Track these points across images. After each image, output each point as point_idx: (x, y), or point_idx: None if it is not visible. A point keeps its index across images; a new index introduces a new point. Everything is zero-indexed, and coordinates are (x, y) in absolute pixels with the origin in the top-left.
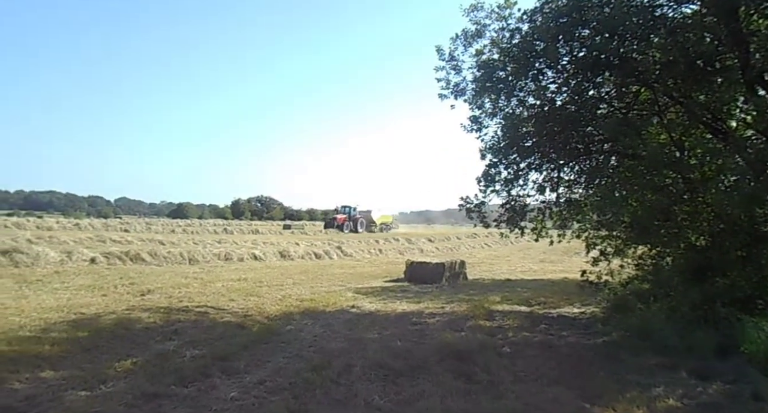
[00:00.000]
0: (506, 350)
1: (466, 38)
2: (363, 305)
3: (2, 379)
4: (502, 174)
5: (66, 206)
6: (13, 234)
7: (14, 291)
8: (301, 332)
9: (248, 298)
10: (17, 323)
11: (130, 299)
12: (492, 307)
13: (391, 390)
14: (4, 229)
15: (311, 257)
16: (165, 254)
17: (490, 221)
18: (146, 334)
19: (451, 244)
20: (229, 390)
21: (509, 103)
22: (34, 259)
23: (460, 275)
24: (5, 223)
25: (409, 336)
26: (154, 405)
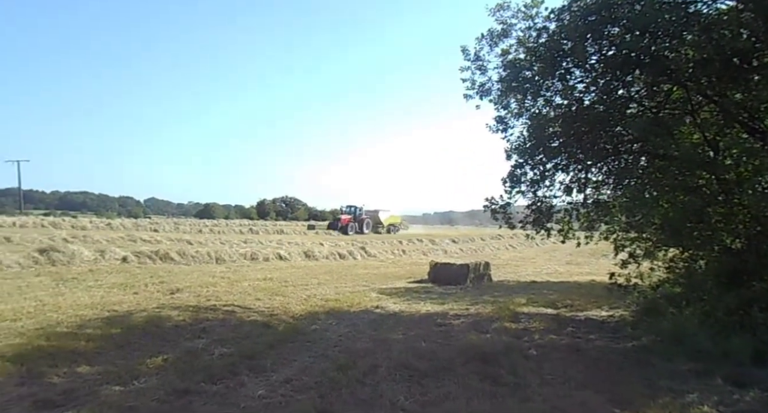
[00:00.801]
0: (532, 352)
1: (492, 38)
2: (387, 305)
3: (42, 373)
4: (528, 175)
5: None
6: (50, 233)
7: (51, 288)
8: (326, 331)
9: (274, 297)
10: (55, 319)
11: (160, 297)
12: (517, 309)
13: (417, 390)
14: (42, 228)
15: (335, 257)
16: (193, 254)
17: (516, 223)
18: (176, 332)
19: (475, 245)
20: (257, 388)
21: (536, 103)
22: (69, 257)
23: (485, 277)
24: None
25: (434, 337)
26: (185, 402)
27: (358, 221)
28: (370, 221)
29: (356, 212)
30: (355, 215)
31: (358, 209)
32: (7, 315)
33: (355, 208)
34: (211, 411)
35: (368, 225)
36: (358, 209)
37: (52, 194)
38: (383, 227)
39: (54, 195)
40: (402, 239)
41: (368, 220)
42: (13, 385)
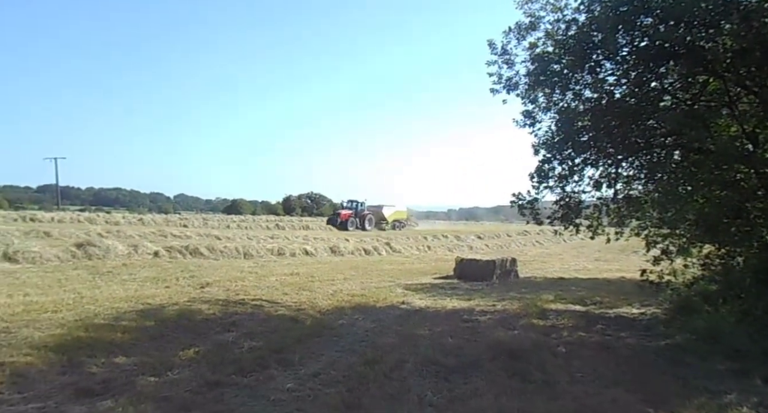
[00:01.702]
0: (561, 350)
1: (520, 31)
2: (413, 301)
3: (81, 363)
4: (556, 170)
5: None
6: (85, 229)
7: (88, 281)
8: (353, 326)
9: (301, 292)
10: (92, 311)
11: (190, 291)
12: (545, 306)
13: (444, 386)
14: (78, 223)
15: (360, 252)
16: (221, 249)
17: (543, 218)
18: (206, 325)
19: (501, 241)
20: (286, 381)
21: (564, 96)
22: (104, 252)
23: (512, 273)
24: (78, 218)
25: (461, 334)
26: (217, 393)
27: (360, 217)
28: (372, 216)
29: (357, 207)
30: (356, 210)
31: (360, 204)
32: (48, 307)
33: (356, 203)
34: (242, 403)
35: (371, 221)
36: (360, 203)
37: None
38: (387, 224)
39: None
40: (427, 235)
41: (370, 215)
42: (55, 374)
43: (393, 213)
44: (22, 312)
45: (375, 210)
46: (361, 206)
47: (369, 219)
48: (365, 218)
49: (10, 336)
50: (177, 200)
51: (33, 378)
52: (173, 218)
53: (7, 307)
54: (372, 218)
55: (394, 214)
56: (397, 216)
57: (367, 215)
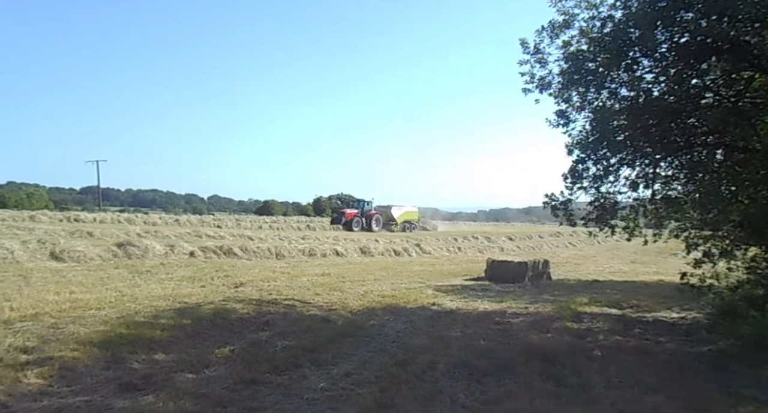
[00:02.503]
0: (597, 354)
1: (553, 29)
2: (444, 302)
3: (124, 359)
4: (591, 170)
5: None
6: (125, 229)
7: (129, 280)
8: (384, 327)
9: (332, 293)
10: (133, 309)
11: (225, 290)
12: (579, 309)
13: (477, 389)
14: (118, 224)
15: (390, 253)
16: (254, 249)
17: (577, 220)
18: (241, 324)
19: (532, 243)
20: (319, 381)
21: (599, 95)
22: (143, 251)
23: (544, 275)
24: (118, 218)
25: (493, 336)
26: (252, 391)
27: (366, 217)
28: (380, 217)
29: (363, 206)
30: (362, 209)
31: (366, 204)
32: (93, 304)
33: (362, 202)
34: (277, 401)
35: (378, 221)
36: (366, 203)
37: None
38: (396, 225)
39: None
40: (457, 236)
41: (378, 215)
42: (100, 369)
43: (403, 214)
44: (68, 308)
45: (383, 210)
46: (367, 205)
47: (376, 219)
48: (372, 218)
49: (58, 331)
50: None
51: (80, 372)
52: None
53: (55, 304)
54: (379, 218)
55: (403, 214)
56: (407, 217)
57: (374, 215)
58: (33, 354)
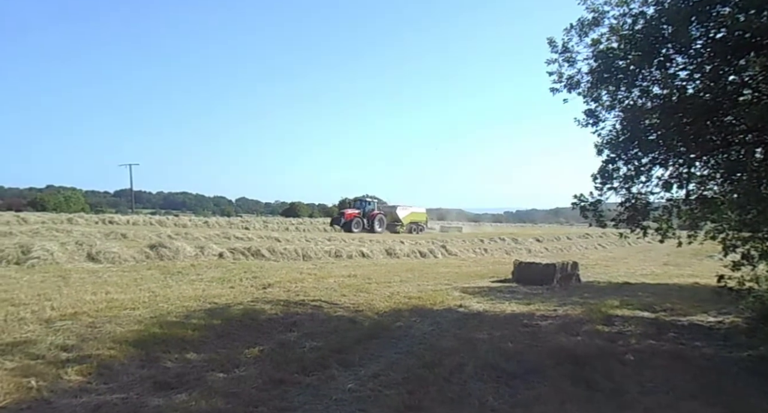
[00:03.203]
0: (629, 358)
1: (582, 28)
2: (470, 304)
3: (157, 358)
4: (621, 170)
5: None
6: (157, 231)
7: (161, 281)
8: (411, 329)
9: (358, 294)
10: (165, 309)
11: (253, 291)
12: (610, 311)
13: (505, 392)
14: (150, 226)
15: (416, 255)
16: (281, 251)
17: (607, 221)
18: (269, 324)
19: (560, 244)
20: (347, 382)
21: (630, 94)
22: (174, 253)
23: (573, 277)
24: (150, 220)
25: (521, 338)
26: (281, 391)
27: (369, 217)
28: (383, 217)
29: (365, 206)
30: (364, 210)
31: (369, 204)
32: (127, 304)
33: (364, 202)
34: (306, 401)
35: (381, 222)
36: (369, 202)
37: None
38: (402, 226)
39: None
40: (483, 238)
41: (381, 216)
42: (135, 367)
43: (409, 214)
44: (105, 308)
45: (388, 211)
46: (370, 205)
47: (380, 220)
48: (375, 218)
49: (95, 330)
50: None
51: (116, 370)
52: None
53: (93, 304)
54: (383, 218)
55: (409, 215)
56: (414, 218)
57: (377, 216)
58: (73, 352)
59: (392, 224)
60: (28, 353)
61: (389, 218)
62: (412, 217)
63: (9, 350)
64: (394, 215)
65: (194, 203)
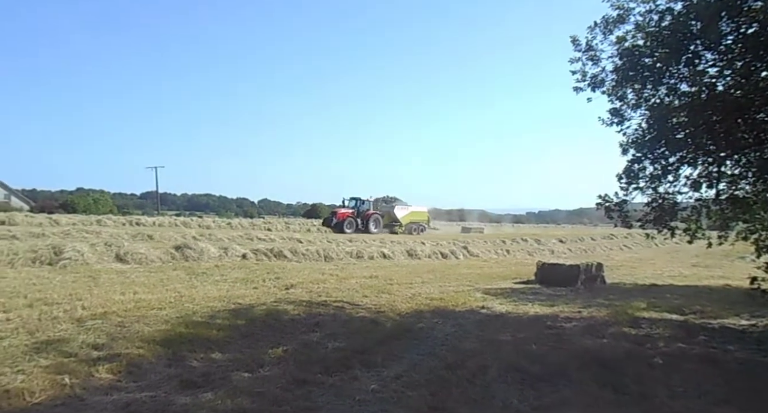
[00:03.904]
0: (658, 361)
1: (606, 25)
2: (493, 306)
3: (183, 357)
4: (648, 170)
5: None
6: (182, 232)
7: (186, 281)
8: (433, 330)
9: (380, 295)
10: (191, 309)
11: (276, 292)
12: (636, 314)
13: (530, 394)
14: (175, 227)
15: (437, 256)
16: (303, 252)
17: (633, 221)
18: (292, 325)
19: (584, 245)
20: (370, 382)
21: (657, 92)
22: (199, 254)
23: (597, 279)
24: (175, 222)
25: (545, 340)
26: (305, 391)
27: (364, 217)
28: (379, 217)
29: (359, 206)
30: (358, 209)
31: (363, 203)
32: (154, 304)
33: (358, 201)
34: (329, 401)
35: (377, 222)
36: (363, 202)
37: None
38: (401, 226)
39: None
40: (505, 239)
41: (377, 216)
42: (163, 366)
43: (408, 214)
44: (133, 308)
45: (386, 210)
46: (363, 204)
47: (375, 220)
48: (370, 218)
49: (124, 330)
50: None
51: (145, 369)
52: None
53: (121, 304)
54: (379, 218)
55: (409, 215)
56: (414, 217)
57: (373, 215)
58: (103, 350)
59: (390, 225)
60: (62, 351)
61: (387, 218)
62: (411, 216)
63: (44, 348)
64: (391, 214)
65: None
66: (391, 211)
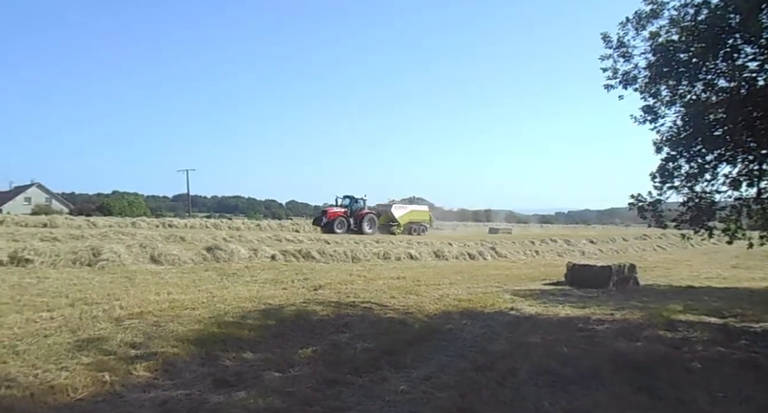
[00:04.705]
0: (696, 366)
1: (639, 21)
2: (522, 307)
3: (216, 356)
4: (683, 168)
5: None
6: (212, 234)
7: (217, 282)
8: (461, 331)
9: (408, 296)
10: (222, 309)
11: (305, 293)
12: (672, 316)
13: (562, 397)
14: (206, 229)
15: (465, 257)
16: (331, 253)
17: (668, 221)
18: (321, 325)
19: (616, 246)
20: (399, 383)
21: (693, 88)
22: (229, 255)
23: (630, 280)
24: (206, 224)
25: (576, 343)
26: (335, 391)
27: (357, 216)
28: (374, 216)
29: (352, 204)
30: (351, 208)
31: (356, 201)
32: (187, 304)
33: (351, 199)
34: (359, 402)
35: (372, 222)
36: (356, 200)
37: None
38: (399, 226)
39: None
40: (534, 240)
41: (372, 215)
42: (196, 365)
43: (407, 213)
44: (167, 308)
45: (383, 209)
46: (356, 203)
47: (370, 220)
48: (364, 217)
49: (159, 329)
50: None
51: (180, 368)
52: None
53: (156, 304)
54: (374, 218)
55: (408, 214)
56: (413, 217)
57: (367, 215)
58: (140, 349)
59: (387, 225)
60: (102, 349)
61: (384, 217)
62: (410, 216)
63: (85, 345)
64: (389, 214)
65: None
66: (388, 210)
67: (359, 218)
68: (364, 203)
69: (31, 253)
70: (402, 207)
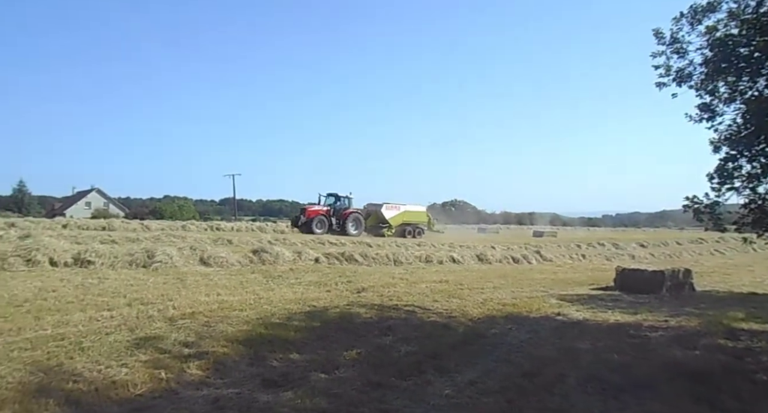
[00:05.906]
0: (761, 377)
1: (694, 15)
2: (569, 312)
3: (264, 357)
4: (744, 168)
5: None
6: (258, 237)
7: (263, 284)
8: (506, 336)
9: (450, 300)
10: (269, 311)
11: (348, 295)
12: (733, 324)
13: (613, 406)
14: (251, 232)
15: (509, 261)
16: (373, 256)
17: (727, 224)
18: (365, 328)
19: (669, 250)
20: (443, 388)
21: (754, 84)
22: (274, 257)
23: (685, 286)
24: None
25: (627, 350)
26: (380, 394)
27: (340, 216)
28: (359, 216)
29: (336, 203)
30: (335, 207)
31: (340, 200)
32: (235, 306)
33: (335, 197)
34: (404, 405)
35: (357, 223)
36: (340, 199)
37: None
38: (391, 228)
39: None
40: (581, 243)
41: (357, 215)
42: (245, 365)
43: (399, 214)
44: (217, 309)
45: (373, 209)
46: (340, 202)
47: (355, 220)
48: (348, 217)
49: (210, 329)
50: None
51: (229, 367)
52: None
53: (206, 304)
54: (360, 218)
55: (400, 215)
56: (407, 218)
57: (352, 215)
58: (192, 348)
59: (377, 226)
60: (157, 347)
61: (373, 218)
62: (403, 217)
63: (142, 344)
64: (379, 215)
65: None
66: (377, 210)
67: (343, 218)
68: (349, 202)
69: (93, 255)
70: (393, 207)
